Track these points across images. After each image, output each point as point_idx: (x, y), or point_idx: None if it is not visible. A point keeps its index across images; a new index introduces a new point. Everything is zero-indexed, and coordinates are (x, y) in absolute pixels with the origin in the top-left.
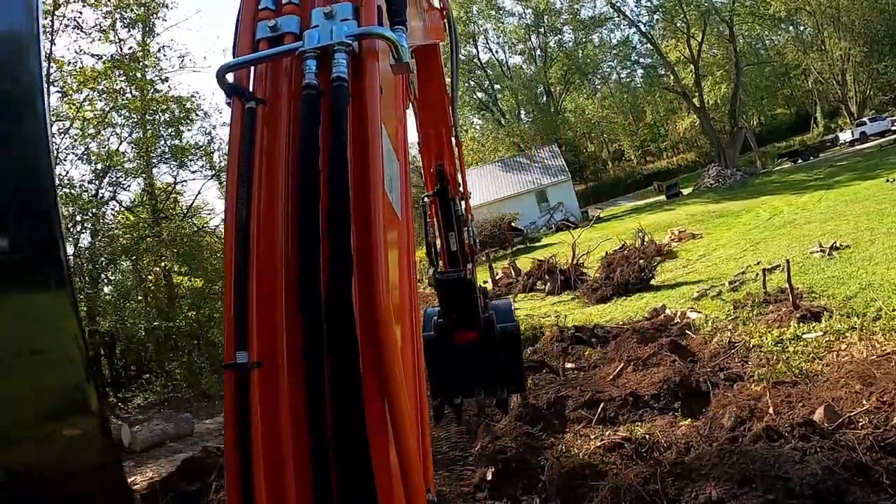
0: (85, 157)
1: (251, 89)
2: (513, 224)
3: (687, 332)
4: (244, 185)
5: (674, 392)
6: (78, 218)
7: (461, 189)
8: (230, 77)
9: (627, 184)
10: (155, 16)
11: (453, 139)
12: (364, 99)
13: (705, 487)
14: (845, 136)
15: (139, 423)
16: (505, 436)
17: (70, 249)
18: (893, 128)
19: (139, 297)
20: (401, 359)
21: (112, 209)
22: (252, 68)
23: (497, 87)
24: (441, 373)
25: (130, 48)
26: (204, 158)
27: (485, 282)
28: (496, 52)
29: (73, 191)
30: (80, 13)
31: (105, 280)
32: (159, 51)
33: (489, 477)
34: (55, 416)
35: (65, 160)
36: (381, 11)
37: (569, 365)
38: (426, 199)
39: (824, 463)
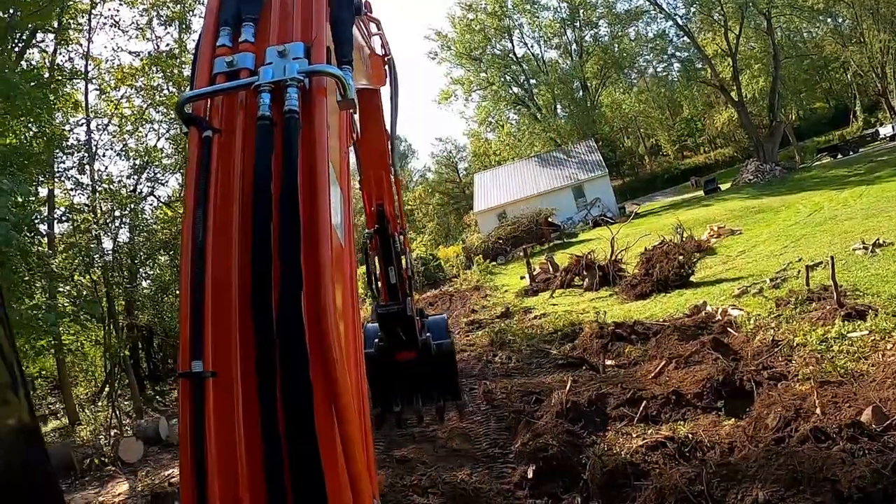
0: (123, 153)
1: (207, 119)
2: (549, 219)
3: (728, 329)
4: (200, 206)
5: (717, 391)
6: (116, 213)
7: (400, 225)
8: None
9: (664, 179)
10: (191, 13)
11: (392, 178)
12: (313, 130)
13: (752, 489)
14: (886, 130)
15: (177, 416)
16: (546, 433)
17: (109, 244)
18: None
19: (177, 292)
20: (346, 367)
21: (150, 205)
22: (208, 100)
23: (533, 81)
24: (382, 385)
25: (168, 45)
26: None
27: (522, 277)
28: (531, 46)
29: (111, 186)
30: (118, 11)
31: (143, 275)
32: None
33: (530, 475)
34: None
35: (103, 156)
36: (329, 52)
37: (609, 362)
38: (367, 236)
39: (873, 466)
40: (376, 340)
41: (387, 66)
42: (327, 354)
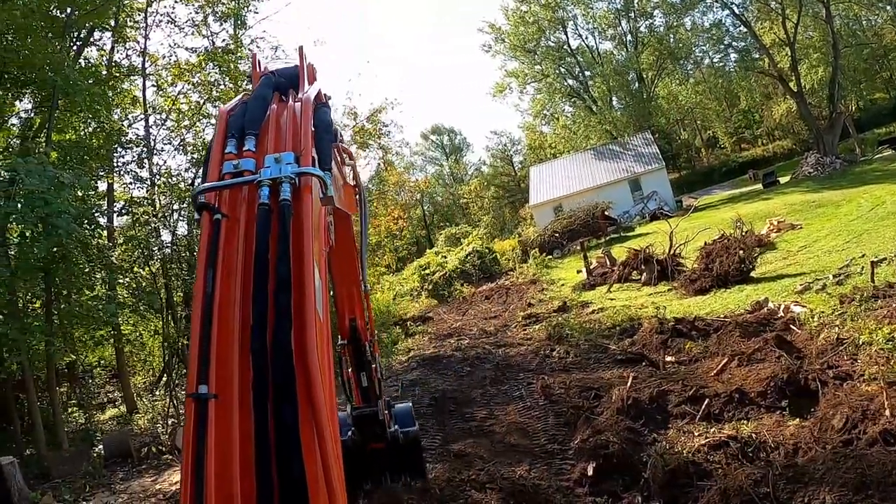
0: (181, 147)
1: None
2: (606, 213)
3: (791, 326)
4: (210, 268)
5: (781, 390)
6: (175, 206)
7: (370, 333)
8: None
9: (722, 172)
10: (246, 9)
11: (363, 293)
12: (301, 215)
13: (819, 492)
14: None
15: None
16: (606, 430)
17: (167, 237)
18: None
19: None
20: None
21: None
22: (218, 192)
23: (588, 73)
24: (353, 470)
25: (223, 41)
26: None
27: (578, 271)
28: (586, 38)
29: (170, 180)
30: (173, 9)
31: None
32: (252, 43)
33: (590, 472)
34: None
35: (161, 151)
36: (314, 160)
37: (669, 358)
38: (340, 346)
39: None
40: (350, 433)
41: (357, 196)
42: (311, 383)
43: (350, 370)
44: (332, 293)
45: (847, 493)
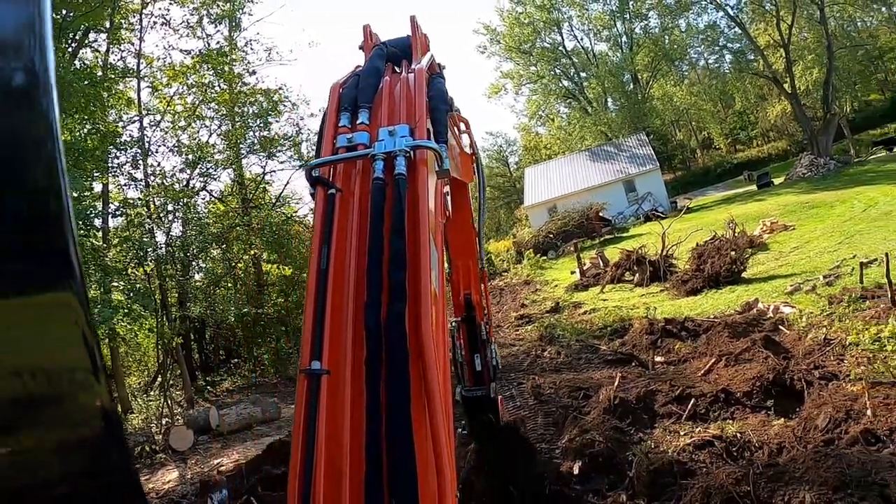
0: (176, 149)
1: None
2: (600, 214)
3: (780, 327)
4: (325, 245)
5: (766, 390)
6: (170, 207)
7: (486, 315)
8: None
9: (717, 173)
10: (241, 11)
11: (480, 271)
12: (416, 188)
13: (799, 491)
14: None
15: (227, 406)
16: (593, 429)
17: (161, 238)
18: None
19: (229, 284)
20: (437, 367)
21: (203, 199)
22: (331, 166)
23: (583, 74)
24: None
25: (218, 43)
26: (292, 149)
27: (572, 272)
28: (581, 39)
29: (164, 181)
30: (168, 10)
31: (196, 267)
32: (246, 45)
33: (576, 471)
34: (58, 422)
35: (156, 152)
36: (429, 132)
37: (658, 358)
38: (454, 324)
39: None
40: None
41: (474, 164)
42: (426, 362)
43: (463, 351)
44: (448, 268)
45: (826, 491)
